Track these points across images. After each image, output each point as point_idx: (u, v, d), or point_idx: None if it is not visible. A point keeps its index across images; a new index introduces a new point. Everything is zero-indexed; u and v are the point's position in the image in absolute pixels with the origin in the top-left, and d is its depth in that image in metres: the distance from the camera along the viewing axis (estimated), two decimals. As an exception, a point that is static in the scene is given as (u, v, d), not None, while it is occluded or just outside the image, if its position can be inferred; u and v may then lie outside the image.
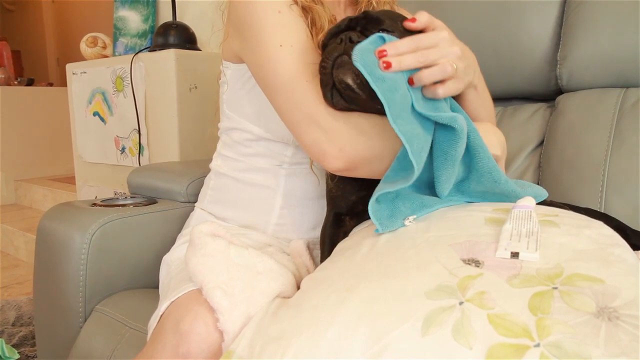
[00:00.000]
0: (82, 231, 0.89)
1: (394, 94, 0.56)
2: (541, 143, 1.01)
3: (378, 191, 0.59)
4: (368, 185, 0.69)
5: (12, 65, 3.93)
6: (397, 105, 0.55)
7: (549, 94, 1.08)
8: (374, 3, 0.87)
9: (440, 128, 0.60)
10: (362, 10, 0.88)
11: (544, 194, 0.67)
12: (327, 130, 0.65)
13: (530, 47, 1.06)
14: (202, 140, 1.51)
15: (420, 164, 0.56)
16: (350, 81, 0.59)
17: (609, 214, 0.83)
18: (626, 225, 0.80)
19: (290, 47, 0.70)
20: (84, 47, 1.81)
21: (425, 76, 0.59)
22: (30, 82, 3.97)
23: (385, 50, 0.57)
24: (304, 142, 0.69)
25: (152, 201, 1.04)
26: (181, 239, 0.91)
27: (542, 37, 1.05)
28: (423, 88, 0.61)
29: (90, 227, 0.89)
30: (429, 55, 0.59)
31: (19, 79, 3.91)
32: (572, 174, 0.90)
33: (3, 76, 3.67)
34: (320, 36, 0.73)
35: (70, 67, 1.85)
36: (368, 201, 0.71)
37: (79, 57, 1.91)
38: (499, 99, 1.16)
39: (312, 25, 0.76)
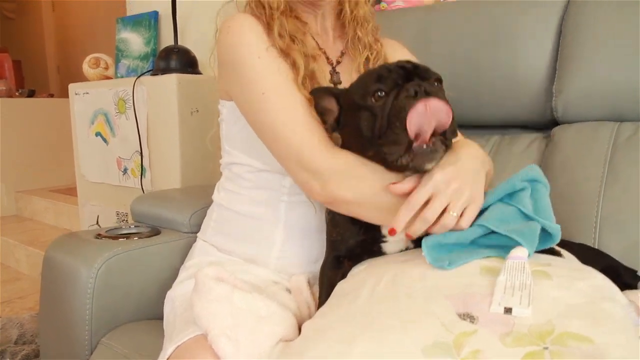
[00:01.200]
0: (88, 265, 0.91)
1: None
2: (537, 174, 1.03)
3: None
4: (365, 231, 0.72)
5: (14, 77, 3.95)
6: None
7: (545, 123, 1.11)
8: (359, 34, 0.90)
9: None
10: (350, 40, 0.91)
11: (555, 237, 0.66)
12: (312, 171, 0.72)
13: (526, 79, 1.09)
14: (203, 163, 1.53)
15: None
16: (427, 165, 0.63)
17: (603, 249, 0.86)
18: (619, 263, 0.82)
19: (274, 94, 0.75)
20: (86, 67, 1.83)
21: (437, 232, 0.64)
22: (31, 94, 3.99)
23: (393, 230, 0.64)
24: (294, 179, 0.76)
25: (155, 231, 1.05)
26: (184, 272, 0.93)
27: (538, 69, 1.07)
28: None
29: (96, 261, 0.91)
30: (428, 216, 0.63)
31: (20, 91, 3.93)
32: (567, 208, 0.92)
33: (4, 88, 3.70)
34: (301, 75, 0.78)
35: (72, 87, 1.87)
36: (366, 245, 0.73)
37: (78, 65, 1.93)
38: (496, 126, 1.19)
39: (293, 66, 0.79)
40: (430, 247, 0.61)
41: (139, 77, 1.57)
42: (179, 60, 1.53)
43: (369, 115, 0.65)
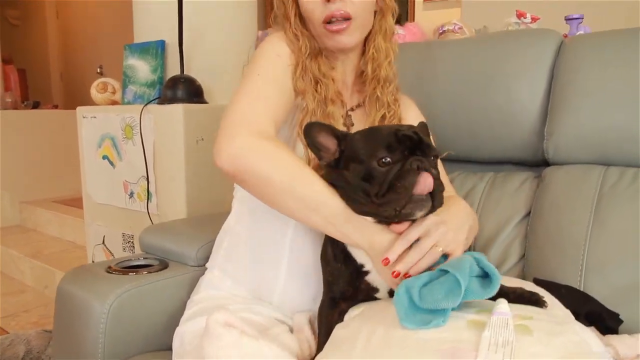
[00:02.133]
0: (101, 301, 0.96)
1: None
2: (528, 214, 1.08)
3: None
4: (344, 263, 0.80)
5: (19, 89, 4.01)
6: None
7: (537, 161, 1.16)
8: (378, 93, 0.95)
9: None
10: (369, 96, 0.96)
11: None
12: (235, 139, 0.76)
13: (519, 119, 1.14)
14: (209, 190, 1.59)
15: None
16: (418, 213, 0.70)
17: (588, 292, 0.91)
18: (603, 307, 0.87)
19: (264, 81, 0.84)
20: (94, 92, 1.89)
21: (418, 269, 0.70)
22: (36, 105, 4.05)
23: (387, 259, 0.69)
24: (215, 141, 0.78)
25: (164, 264, 1.11)
26: (192, 307, 0.98)
27: (530, 111, 1.13)
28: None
29: (108, 297, 0.96)
30: (423, 247, 0.70)
31: (25, 103, 3.99)
32: (555, 251, 0.97)
33: (10, 100, 3.76)
34: (303, 116, 0.87)
35: (80, 111, 1.92)
36: (357, 289, 0.80)
37: (80, 71, 1.96)
38: (491, 162, 1.24)
39: (305, 110, 0.87)
40: (405, 319, 0.66)
41: (146, 104, 1.63)
42: (185, 90, 1.59)
43: (370, 175, 0.71)
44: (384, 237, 0.72)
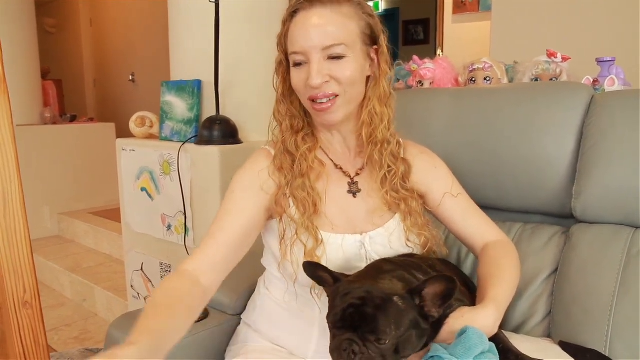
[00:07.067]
0: (148, 353, 1.03)
1: None
2: (555, 270, 1.11)
3: None
4: None
5: (57, 103, 4.17)
6: None
7: (565, 214, 1.18)
8: (375, 156, 0.98)
9: None
10: (368, 158, 0.99)
11: None
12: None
13: (546, 175, 1.17)
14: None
15: None
16: None
17: (613, 358, 0.93)
18: (627, 375, 0.90)
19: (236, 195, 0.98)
20: (132, 126, 1.97)
21: None
22: (73, 119, 4.20)
23: None
24: None
25: (205, 313, 1.17)
26: (229, 355, 1.05)
27: (558, 169, 1.15)
28: None
29: (155, 350, 1.03)
30: None
31: (63, 117, 4.15)
32: (581, 312, 1.00)
33: (49, 115, 3.91)
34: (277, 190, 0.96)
35: (119, 143, 2.01)
36: None
37: (113, 78, 2.04)
38: (519, 211, 1.27)
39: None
40: None
41: (183, 143, 1.70)
42: (220, 131, 1.66)
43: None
44: None
